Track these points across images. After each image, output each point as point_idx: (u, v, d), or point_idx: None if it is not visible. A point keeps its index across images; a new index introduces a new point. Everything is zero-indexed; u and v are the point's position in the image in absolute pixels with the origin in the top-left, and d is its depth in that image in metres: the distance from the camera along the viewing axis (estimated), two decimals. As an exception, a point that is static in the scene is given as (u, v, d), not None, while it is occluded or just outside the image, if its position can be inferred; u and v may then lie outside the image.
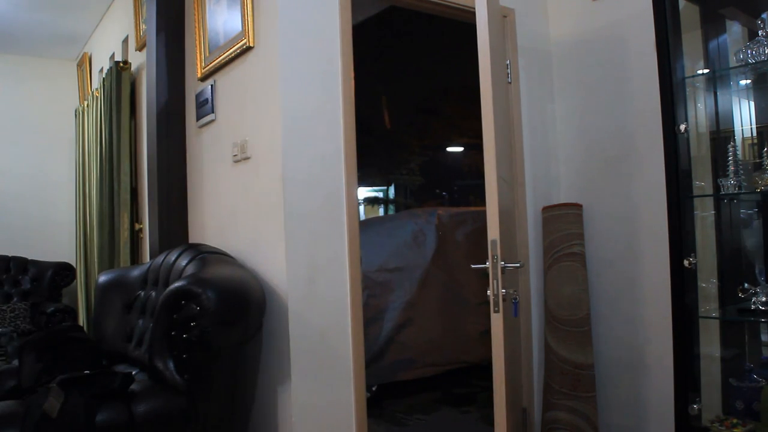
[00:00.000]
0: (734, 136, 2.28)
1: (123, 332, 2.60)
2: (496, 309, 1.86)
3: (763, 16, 2.05)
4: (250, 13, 2.42)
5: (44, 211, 5.40)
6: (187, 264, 2.33)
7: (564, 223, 2.76)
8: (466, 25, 2.57)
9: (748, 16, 2.33)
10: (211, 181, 2.83)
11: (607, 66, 2.78)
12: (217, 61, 2.68)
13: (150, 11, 3.10)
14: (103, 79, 4.18)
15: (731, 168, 2.10)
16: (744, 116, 2.35)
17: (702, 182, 2.28)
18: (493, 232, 1.89)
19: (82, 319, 4.62)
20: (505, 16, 2.81)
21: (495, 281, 1.86)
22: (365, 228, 3.75)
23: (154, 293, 2.53)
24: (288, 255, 2.20)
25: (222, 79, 2.72)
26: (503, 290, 1.86)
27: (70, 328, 2.53)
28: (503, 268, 1.88)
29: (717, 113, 2.33)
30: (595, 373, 2.70)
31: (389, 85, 6.21)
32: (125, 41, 4.29)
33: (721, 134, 2.32)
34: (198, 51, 2.87)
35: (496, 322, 1.86)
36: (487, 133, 1.94)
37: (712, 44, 2.34)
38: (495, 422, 1.90)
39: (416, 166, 6.93)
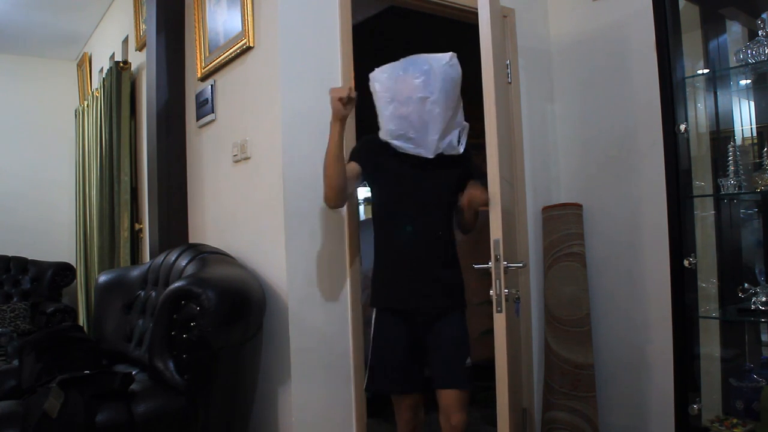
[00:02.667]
0: (734, 136, 2.28)
1: (123, 332, 2.60)
2: (499, 309, 1.85)
3: (763, 16, 2.05)
4: (250, 13, 2.42)
5: (44, 211, 5.39)
6: (187, 264, 2.33)
7: (564, 223, 2.76)
8: (466, 25, 2.57)
9: (748, 16, 2.32)
10: (211, 181, 2.83)
11: (607, 66, 2.78)
12: (217, 61, 2.68)
13: (150, 11, 3.10)
14: (103, 79, 4.18)
15: (731, 168, 2.10)
16: (744, 116, 2.35)
17: (702, 182, 2.28)
18: (496, 231, 1.89)
19: (82, 319, 4.62)
20: (505, 16, 2.80)
21: (498, 281, 1.86)
22: (365, 228, 3.74)
23: (154, 293, 2.53)
24: (288, 255, 2.20)
25: (222, 79, 2.71)
26: (506, 290, 1.86)
27: (70, 328, 2.53)
28: (506, 268, 1.88)
29: (717, 113, 2.32)
30: (595, 373, 2.69)
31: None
32: (125, 41, 4.29)
33: (721, 134, 2.32)
34: (198, 51, 2.87)
35: (499, 322, 1.86)
36: (489, 133, 1.92)
37: (712, 44, 2.34)
38: (498, 422, 1.90)
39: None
